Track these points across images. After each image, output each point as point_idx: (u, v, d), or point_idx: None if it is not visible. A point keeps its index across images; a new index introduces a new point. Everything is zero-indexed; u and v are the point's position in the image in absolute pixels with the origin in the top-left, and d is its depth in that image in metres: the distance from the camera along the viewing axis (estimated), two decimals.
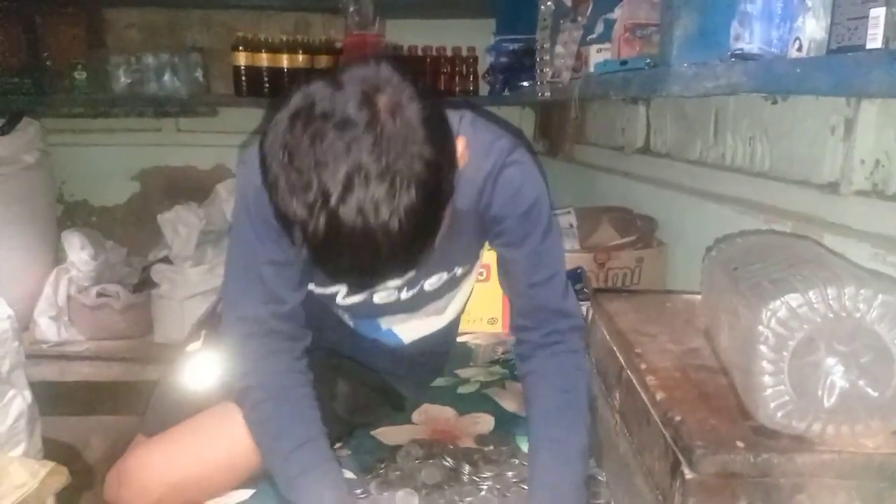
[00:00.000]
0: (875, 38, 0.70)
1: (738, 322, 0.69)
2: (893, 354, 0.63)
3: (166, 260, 2.50)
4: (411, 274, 0.88)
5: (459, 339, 1.60)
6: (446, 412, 1.26)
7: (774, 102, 1.38)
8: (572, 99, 1.62)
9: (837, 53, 0.76)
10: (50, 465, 1.66)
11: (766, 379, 0.65)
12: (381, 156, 0.66)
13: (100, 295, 2.42)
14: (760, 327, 0.64)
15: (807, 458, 0.66)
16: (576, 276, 1.46)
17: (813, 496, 0.67)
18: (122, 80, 2.55)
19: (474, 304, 1.61)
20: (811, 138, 1.26)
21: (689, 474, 0.67)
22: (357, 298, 1.04)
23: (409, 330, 1.15)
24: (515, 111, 2.84)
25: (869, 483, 0.66)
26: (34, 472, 1.61)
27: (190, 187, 2.82)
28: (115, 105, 2.66)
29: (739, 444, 0.67)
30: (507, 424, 1.21)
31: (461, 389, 1.35)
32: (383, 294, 1.04)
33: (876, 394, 0.64)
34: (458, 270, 1.06)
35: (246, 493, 1.03)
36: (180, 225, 2.56)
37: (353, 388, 1.12)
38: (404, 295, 1.04)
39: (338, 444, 1.14)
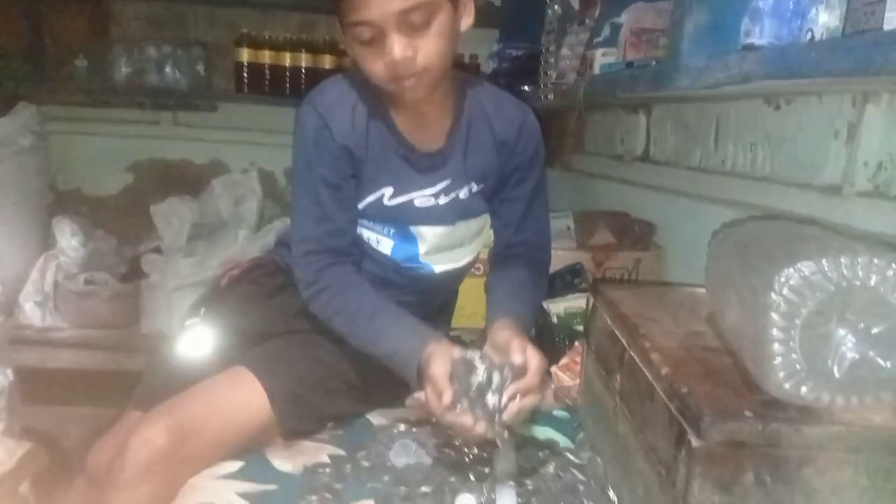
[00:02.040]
0: (893, 21, 0.71)
1: (749, 294, 0.69)
2: None
3: (157, 250, 2.48)
4: (446, 182, 1.12)
5: (453, 333, 1.59)
6: None
7: (777, 108, 1.39)
8: (577, 100, 1.63)
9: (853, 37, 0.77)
10: (27, 445, 1.62)
11: (777, 347, 0.64)
12: None
13: (87, 282, 2.38)
14: (773, 295, 0.64)
15: (815, 430, 0.65)
16: (574, 270, 1.46)
17: (820, 470, 0.66)
18: (124, 69, 2.54)
19: (468, 299, 1.60)
20: (814, 142, 1.27)
21: (695, 442, 0.66)
22: (401, 199, 1.13)
23: (440, 261, 1.22)
24: None
25: (877, 458, 0.65)
26: (11, 451, 1.57)
27: (184, 181, 2.80)
28: (114, 94, 2.64)
29: (748, 413, 0.66)
30: None
31: None
32: (422, 200, 1.14)
33: (887, 365, 0.64)
34: (475, 188, 1.17)
35: (235, 465, 1.00)
36: (173, 216, 2.55)
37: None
38: (442, 200, 1.14)
39: (329, 425, 1.12)
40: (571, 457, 1.04)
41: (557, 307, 1.37)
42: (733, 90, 1.37)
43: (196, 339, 1.15)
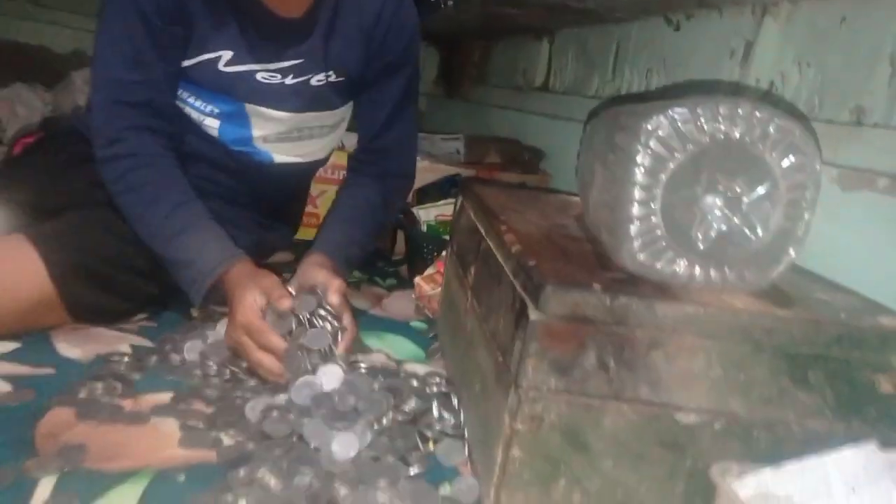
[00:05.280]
0: None
1: (611, 155, 0.59)
2: (781, 190, 0.54)
3: None
4: (298, 60, 0.96)
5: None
6: None
7: (677, 28, 1.32)
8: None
9: None
10: None
11: (636, 209, 0.55)
12: None
13: None
14: (637, 146, 0.54)
15: (668, 309, 0.56)
16: (452, 181, 1.34)
17: (670, 355, 0.57)
18: None
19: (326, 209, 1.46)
20: (709, 63, 1.21)
21: (533, 315, 0.56)
22: (240, 68, 0.95)
23: (280, 151, 1.06)
24: (420, 48, 2.70)
25: (731, 346, 0.57)
26: None
27: (39, 69, 2.46)
28: None
29: (596, 285, 0.56)
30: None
31: None
32: (265, 74, 0.97)
33: (754, 238, 0.55)
34: (333, 78, 1.01)
35: (8, 346, 0.83)
36: (19, 105, 2.23)
37: None
38: (288, 81, 0.98)
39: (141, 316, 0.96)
40: (412, 368, 0.93)
41: (428, 214, 1.25)
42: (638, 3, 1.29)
43: None
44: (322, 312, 0.82)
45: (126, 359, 0.84)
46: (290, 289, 0.85)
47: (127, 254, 0.91)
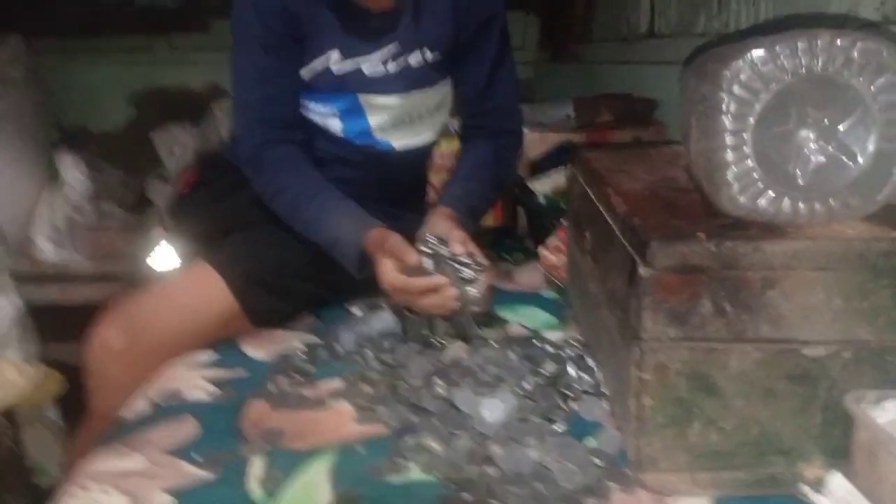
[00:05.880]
0: None
1: (700, 105, 0.61)
2: (874, 113, 0.54)
3: (162, 178, 2.46)
4: (394, 46, 1.05)
5: None
6: None
7: None
8: None
9: None
10: (43, 368, 1.65)
11: (728, 155, 0.57)
12: None
13: (97, 215, 2.39)
14: (721, 94, 0.56)
15: (777, 247, 0.58)
16: (563, 149, 1.37)
17: (787, 292, 0.59)
18: None
19: None
20: None
21: (643, 271, 0.60)
22: (348, 67, 1.07)
23: (398, 138, 1.15)
24: (520, 17, 2.71)
25: (850, 275, 0.58)
26: (25, 373, 1.60)
27: (185, 107, 2.76)
28: (102, 18, 2.57)
29: (700, 234, 0.59)
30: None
31: None
32: (370, 67, 1.07)
33: (855, 165, 0.55)
34: (428, 56, 1.09)
35: (207, 355, 0.99)
36: (174, 144, 2.52)
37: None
38: (391, 68, 1.08)
39: (304, 313, 1.09)
40: (547, 335, 0.99)
41: (543, 186, 1.30)
42: None
43: (163, 253, 1.13)
44: (445, 252, 0.92)
45: (301, 354, 0.97)
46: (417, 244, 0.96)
47: (289, 260, 1.04)
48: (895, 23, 0.97)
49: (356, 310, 1.07)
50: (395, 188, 1.20)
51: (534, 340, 0.93)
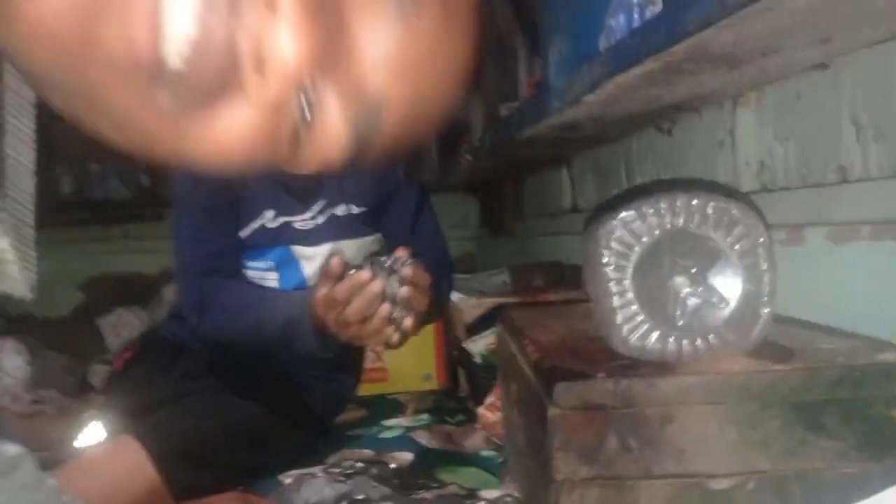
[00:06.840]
0: None
1: (590, 260, 0.69)
2: (734, 261, 0.62)
3: (106, 362, 2.43)
4: (323, 202, 1.17)
5: (390, 396, 1.55)
6: (363, 454, 1.19)
7: (669, 133, 1.45)
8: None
9: None
10: None
11: (615, 301, 0.63)
12: None
13: (35, 402, 2.31)
14: (601, 250, 0.64)
15: (669, 383, 0.63)
16: (497, 311, 1.44)
17: (684, 426, 0.63)
18: (68, 187, 2.59)
19: (407, 360, 1.57)
20: (705, 157, 1.31)
21: (551, 411, 0.63)
22: (281, 220, 1.18)
23: None
24: (461, 199, 2.93)
25: (739, 407, 0.63)
26: None
27: (136, 292, 2.79)
28: (60, 212, 2.67)
29: (601, 374, 0.64)
30: (428, 461, 1.15)
31: (383, 434, 1.29)
32: (302, 223, 1.18)
33: (724, 306, 0.63)
34: (354, 210, 1.21)
35: None
36: (121, 327, 2.52)
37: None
38: (320, 220, 1.18)
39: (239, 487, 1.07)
40: (484, 494, 0.99)
41: (477, 346, 1.35)
42: (629, 121, 1.43)
43: (93, 433, 1.12)
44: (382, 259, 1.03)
45: None
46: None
47: (219, 432, 1.03)
48: (772, 190, 1.12)
49: (287, 479, 1.05)
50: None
51: (466, 502, 0.93)
